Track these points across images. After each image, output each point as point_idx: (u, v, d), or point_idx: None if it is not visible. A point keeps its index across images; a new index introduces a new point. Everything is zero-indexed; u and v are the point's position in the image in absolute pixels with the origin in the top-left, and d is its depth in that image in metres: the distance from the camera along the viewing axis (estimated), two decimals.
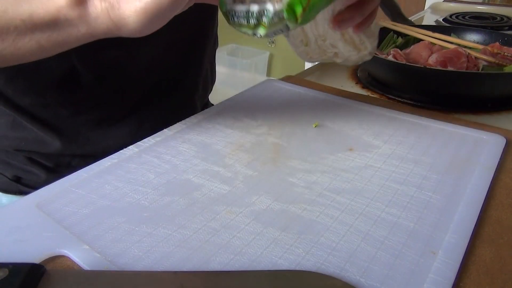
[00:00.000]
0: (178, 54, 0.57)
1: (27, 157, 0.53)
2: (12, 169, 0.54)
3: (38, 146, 0.52)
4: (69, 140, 0.52)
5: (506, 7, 1.24)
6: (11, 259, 0.29)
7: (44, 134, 0.51)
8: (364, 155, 0.42)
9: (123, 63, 0.51)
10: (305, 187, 0.37)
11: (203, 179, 0.38)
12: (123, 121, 0.54)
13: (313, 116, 0.51)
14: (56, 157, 0.53)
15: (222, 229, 0.32)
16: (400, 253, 0.29)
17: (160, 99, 0.57)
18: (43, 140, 0.51)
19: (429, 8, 1.34)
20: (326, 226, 0.32)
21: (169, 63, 0.56)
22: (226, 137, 0.46)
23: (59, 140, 0.51)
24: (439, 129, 0.48)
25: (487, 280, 0.28)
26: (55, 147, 0.52)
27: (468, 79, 0.54)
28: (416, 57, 0.65)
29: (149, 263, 0.29)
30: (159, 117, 0.56)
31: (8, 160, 0.54)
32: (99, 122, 0.53)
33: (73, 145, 0.53)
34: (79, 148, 0.53)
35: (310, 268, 0.28)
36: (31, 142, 0.51)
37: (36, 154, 0.53)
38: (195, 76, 0.62)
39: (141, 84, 0.55)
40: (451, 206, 0.34)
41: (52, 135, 0.51)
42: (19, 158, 0.53)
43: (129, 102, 0.54)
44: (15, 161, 0.54)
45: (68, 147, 0.52)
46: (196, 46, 0.59)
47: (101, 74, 0.50)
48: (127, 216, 0.33)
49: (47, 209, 0.34)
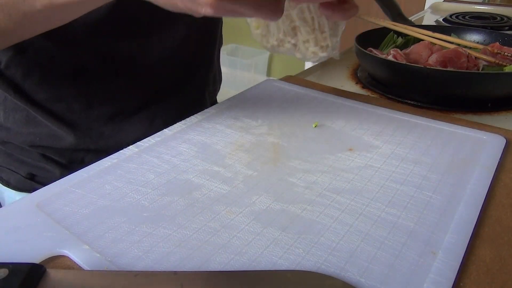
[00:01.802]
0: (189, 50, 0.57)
1: (41, 154, 0.54)
2: (26, 167, 0.55)
3: (52, 141, 0.52)
4: (83, 135, 0.53)
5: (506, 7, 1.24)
6: (11, 259, 0.29)
7: (58, 128, 0.51)
8: (364, 155, 0.42)
9: (135, 57, 0.52)
10: (305, 187, 0.37)
11: (203, 179, 0.38)
12: (135, 115, 0.55)
13: (313, 116, 0.51)
14: (70, 152, 0.54)
15: (222, 229, 0.32)
16: (400, 253, 0.29)
17: (172, 94, 0.58)
18: (56, 135, 0.52)
19: (429, 8, 1.34)
20: (326, 226, 0.32)
21: (181, 58, 0.57)
22: (226, 137, 0.46)
23: (73, 135, 0.52)
24: (439, 129, 0.48)
25: (487, 280, 0.28)
26: (69, 141, 0.52)
27: (468, 79, 0.54)
28: (416, 57, 0.65)
29: (149, 263, 0.29)
30: (171, 112, 0.57)
31: (22, 157, 0.55)
32: (112, 116, 0.54)
33: (87, 140, 0.53)
34: (92, 143, 0.53)
35: (310, 268, 0.28)
36: (45, 137, 0.52)
37: (50, 150, 0.54)
38: (206, 72, 0.63)
39: (154, 79, 0.55)
40: (451, 206, 0.34)
41: (66, 130, 0.52)
42: (33, 155, 0.54)
43: (141, 97, 0.55)
44: (29, 159, 0.54)
45: (81, 142, 0.53)
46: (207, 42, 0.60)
47: (114, 68, 0.51)
48: (127, 216, 0.33)
49: (47, 209, 0.34)
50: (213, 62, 0.64)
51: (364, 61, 0.66)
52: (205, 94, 0.63)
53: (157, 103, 0.56)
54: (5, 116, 0.52)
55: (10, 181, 0.56)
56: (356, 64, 0.74)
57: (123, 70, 0.52)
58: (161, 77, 0.56)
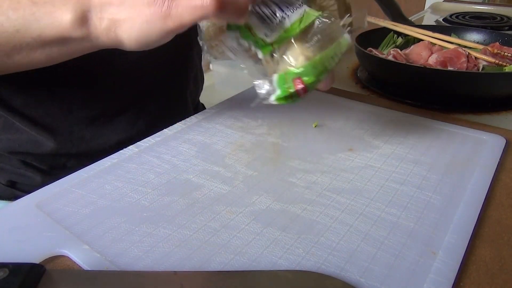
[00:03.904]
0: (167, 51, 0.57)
1: (21, 160, 0.53)
2: (6, 174, 0.54)
3: (32, 147, 0.51)
4: (63, 139, 0.52)
5: (506, 7, 1.24)
6: (11, 259, 0.29)
7: (37, 134, 0.50)
8: (364, 155, 0.42)
9: (112, 61, 0.51)
10: (305, 187, 0.37)
11: (203, 179, 0.38)
12: (116, 118, 0.54)
13: (313, 116, 0.51)
14: (51, 158, 0.53)
15: (222, 229, 0.32)
16: (400, 253, 0.29)
17: (152, 96, 0.57)
18: (36, 140, 0.51)
19: (429, 8, 1.34)
20: (326, 226, 0.32)
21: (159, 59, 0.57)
22: (226, 137, 0.46)
23: (53, 140, 0.51)
24: (439, 129, 0.48)
25: (487, 280, 0.28)
26: (49, 147, 0.51)
27: (468, 79, 0.54)
28: (416, 57, 0.65)
29: (149, 263, 0.29)
30: (152, 114, 0.57)
31: (1, 164, 0.54)
32: (92, 120, 0.53)
33: (68, 144, 0.52)
34: (73, 147, 0.53)
35: (310, 268, 0.28)
36: (25, 143, 0.51)
37: (30, 156, 0.53)
38: (185, 72, 0.62)
39: (132, 81, 0.55)
40: (451, 206, 0.34)
41: (45, 135, 0.51)
42: (13, 161, 0.53)
43: (121, 100, 0.54)
44: (9, 165, 0.53)
45: (62, 147, 0.52)
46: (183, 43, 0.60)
47: (91, 72, 0.51)
48: (127, 216, 0.33)
49: (47, 209, 0.34)
50: (192, 62, 0.63)
51: (364, 61, 0.66)
52: (186, 94, 0.63)
53: (138, 105, 0.55)
54: None
55: None
56: (356, 64, 0.74)
57: (100, 73, 0.51)
58: (140, 79, 0.55)
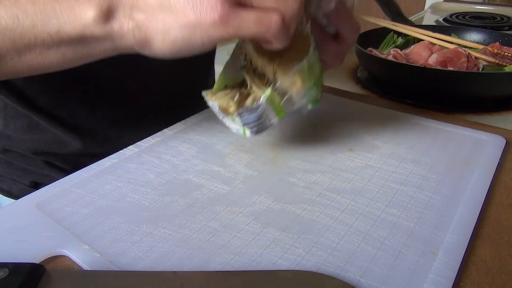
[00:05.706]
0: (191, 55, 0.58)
1: (45, 161, 0.53)
2: (30, 175, 0.54)
3: (57, 147, 0.52)
4: (88, 139, 0.52)
5: (506, 7, 1.24)
6: (11, 259, 0.29)
7: (63, 134, 0.51)
8: (364, 155, 0.42)
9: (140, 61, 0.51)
10: (305, 187, 0.37)
11: (203, 179, 0.38)
12: (140, 119, 0.55)
13: (313, 116, 0.51)
14: (75, 158, 0.53)
15: (222, 229, 0.32)
16: (400, 253, 0.29)
17: (176, 98, 0.58)
18: (62, 140, 0.51)
19: (429, 8, 1.34)
20: (326, 226, 0.32)
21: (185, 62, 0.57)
22: (226, 137, 0.46)
23: (79, 140, 0.51)
24: (439, 129, 0.48)
25: (487, 280, 0.28)
26: (75, 147, 0.52)
27: (468, 79, 0.54)
28: (416, 57, 0.65)
29: (149, 263, 0.29)
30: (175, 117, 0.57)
31: (25, 166, 0.54)
32: (117, 120, 0.53)
33: (93, 144, 0.53)
34: (98, 147, 0.53)
35: (310, 268, 0.28)
36: (50, 143, 0.51)
37: (54, 157, 0.53)
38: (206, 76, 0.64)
39: (158, 83, 0.55)
40: (451, 206, 0.34)
41: (71, 135, 0.51)
42: (37, 162, 0.53)
43: (146, 101, 0.55)
44: (33, 166, 0.54)
45: (87, 147, 0.52)
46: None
47: (118, 71, 0.51)
48: (127, 216, 0.33)
49: (47, 209, 0.34)
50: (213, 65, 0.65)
51: (364, 61, 0.66)
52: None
53: (162, 106, 0.56)
54: (5, 124, 0.51)
55: (12, 191, 0.54)
56: (356, 64, 0.74)
57: (128, 73, 0.52)
58: (164, 82, 0.56)
